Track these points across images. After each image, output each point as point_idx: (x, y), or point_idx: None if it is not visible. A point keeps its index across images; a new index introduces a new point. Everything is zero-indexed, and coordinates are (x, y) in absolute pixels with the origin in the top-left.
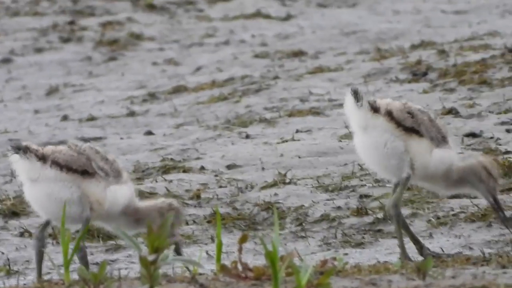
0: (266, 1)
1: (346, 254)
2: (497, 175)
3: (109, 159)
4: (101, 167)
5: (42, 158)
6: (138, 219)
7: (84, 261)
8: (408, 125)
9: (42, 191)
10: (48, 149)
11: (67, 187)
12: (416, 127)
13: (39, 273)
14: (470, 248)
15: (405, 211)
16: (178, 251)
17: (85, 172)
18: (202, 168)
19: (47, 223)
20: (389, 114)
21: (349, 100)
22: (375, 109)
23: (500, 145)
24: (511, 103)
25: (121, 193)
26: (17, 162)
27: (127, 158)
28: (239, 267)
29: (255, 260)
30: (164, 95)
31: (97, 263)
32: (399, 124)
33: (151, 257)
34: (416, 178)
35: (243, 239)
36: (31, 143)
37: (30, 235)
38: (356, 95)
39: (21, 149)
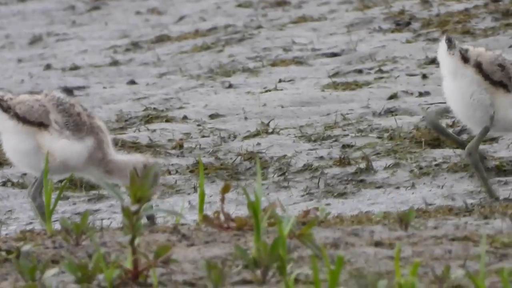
0: None
1: (328, 204)
2: None
3: (72, 112)
4: (57, 120)
5: (7, 109)
6: (110, 171)
7: (41, 211)
8: (496, 78)
9: (6, 142)
10: (15, 100)
11: (24, 139)
12: (505, 81)
13: (46, 225)
14: (453, 199)
15: (388, 161)
16: (152, 220)
17: (40, 124)
18: (185, 117)
19: (36, 180)
20: (478, 66)
21: (442, 47)
22: (465, 59)
23: None
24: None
25: (77, 147)
26: None
27: (110, 107)
28: (222, 217)
29: (238, 210)
30: (147, 44)
31: (79, 213)
32: (487, 77)
33: (133, 207)
34: (496, 130)
35: (225, 189)
36: (2, 93)
37: (13, 184)
38: (450, 43)
39: None
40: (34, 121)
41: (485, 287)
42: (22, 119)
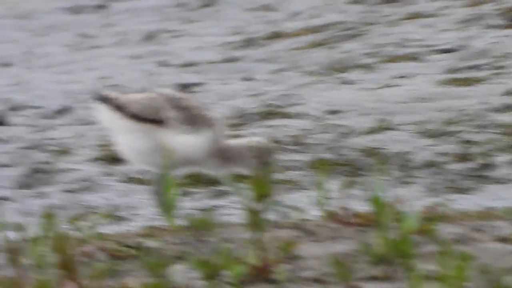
0: None
1: (450, 200)
2: None
3: (187, 107)
4: (173, 116)
5: (119, 108)
6: (228, 159)
7: (164, 205)
8: None
9: (123, 141)
10: (126, 98)
11: (141, 137)
12: None
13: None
14: None
15: (509, 156)
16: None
17: (157, 121)
18: (303, 113)
19: (158, 177)
20: None
21: None
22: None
23: None
24: None
25: (196, 141)
26: (97, 111)
27: (226, 104)
28: (345, 213)
29: (361, 206)
30: (261, 40)
31: (202, 209)
32: None
33: (256, 204)
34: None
35: (347, 185)
36: (111, 92)
37: (135, 181)
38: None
39: (101, 99)
40: (150, 119)
41: None
42: (138, 117)
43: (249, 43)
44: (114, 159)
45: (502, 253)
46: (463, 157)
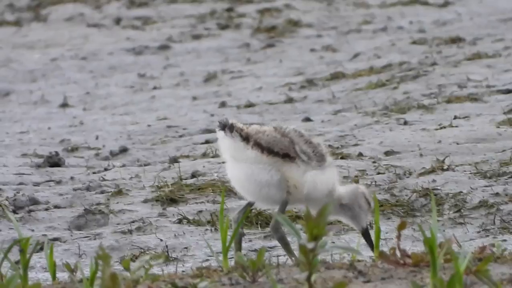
0: None
1: (504, 240)
2: None
3: (313, 142)
4: (303, 150)
5: (246, 138)
6: (342, 205)
7: (238, 246)
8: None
9: (242, 171)
10: (252, 129)
11: (267, 170)
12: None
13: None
14: None
15: None
16: (367, 238)
17: (286, 156)
18: (360, 154)
19: (247, 206)
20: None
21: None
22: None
23: None
24: None
25: (322, 178)
26: (222, 139)
27: None
28: (398, 253)
29: (414, 246)
30: (322, 81)
31: (255, 250)
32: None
33: (310, 244)
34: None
35: (401, 226)
36: (237, 122)
37: (188, 222)
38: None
39: (227, 127)
40: (279, 152)
41: None
42: (267, 150)
43: (310, 83)
44: (169, 200)
45: None
46: None
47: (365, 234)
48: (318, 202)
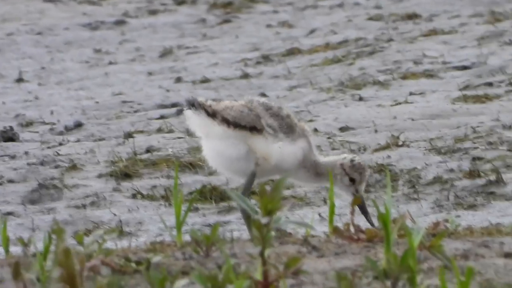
0: None
1: (458, 216)
2: None
3: (280, 114)
4: (269, 124)
5: (213, 115)
6: (319, 173)
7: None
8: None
9: (213, 147)
10: (220, 105)
11: (235, 144)
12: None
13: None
14: None
15: None
16: (363, 209)
17: (253, 128)
18: (315, 130)
19: (244, 185)
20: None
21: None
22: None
23: None
24: None
25: (288, 149)
26: (190, 117)
27: None
28: (352, 229)
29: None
30: (277, 57)
31: (209, 225)
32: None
33: (264, 220)
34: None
35: (355, 201)
36: (204, 99)
37: (143, 196)
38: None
39: (194, 105)
40: (246, 126)
41: None
42: (233, 124)
43: (266, 59)
44: (123, 175)
45: (508, 268)
46: (472, 174)
47: (359, 205)
48: (292, 172)
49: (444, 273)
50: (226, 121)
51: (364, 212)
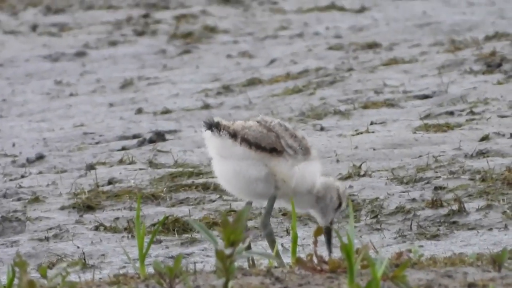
0: None
1: (421, 246)
2: None
3: (297, 136)
4: (289, 144)
5: (234, 135)
6: (318, 198)
7: (271, 239)
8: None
9: (230, 168)
10: (238, 125)
11: (255, 165)
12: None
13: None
14: None
15: (480, 202)
16: (329, 239)
17: (273, 150)
18: None
19: (266, 208)
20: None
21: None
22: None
23: None
24: None
25: (308, 171)
26: (209, 138)
27: (202, 151)
28: (315, 259)
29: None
30: (238, 87)
31: (172, 257)
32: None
33: (227, 251)
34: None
35: (318, 232)
36: (222, 120)
37: (105, 228)
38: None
39: (213, 126)
40: (266, 147)
41: None
42: (255, 145)
43: (226, 90)
44: (86, 207)
45: None
46: (434, 204)
47: (327, 231)
48: (302, 195)
49: None
50: (247, 142)
51: (329, 241)
